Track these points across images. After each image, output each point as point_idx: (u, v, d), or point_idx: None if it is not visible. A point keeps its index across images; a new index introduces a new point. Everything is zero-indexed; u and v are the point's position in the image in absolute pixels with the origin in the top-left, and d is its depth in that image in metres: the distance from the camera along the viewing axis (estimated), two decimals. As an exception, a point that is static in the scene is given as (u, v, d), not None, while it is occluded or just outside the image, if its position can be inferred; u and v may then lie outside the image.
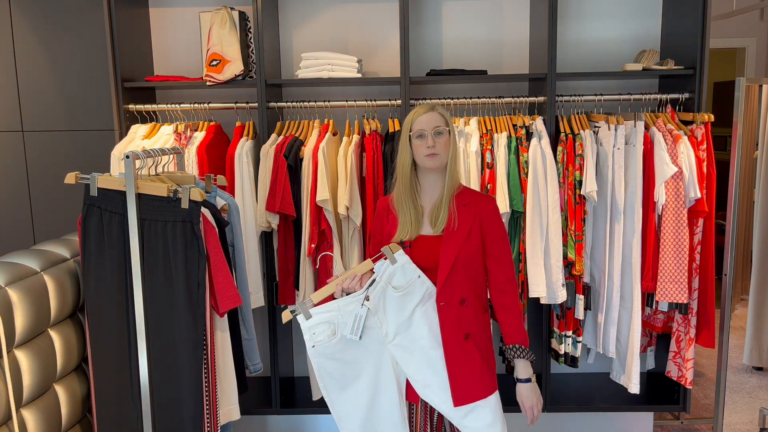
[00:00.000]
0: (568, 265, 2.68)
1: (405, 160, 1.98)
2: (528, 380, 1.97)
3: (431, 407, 2.11)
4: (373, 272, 1.94)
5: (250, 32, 2.90)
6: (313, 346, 1.93)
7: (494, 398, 2.00)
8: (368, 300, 1.91)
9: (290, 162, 2.63)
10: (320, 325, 1.92)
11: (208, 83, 2.81)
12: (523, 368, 1.97)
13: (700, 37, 2.67)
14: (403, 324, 1.94)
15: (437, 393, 1.96)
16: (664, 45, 2.97)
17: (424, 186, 2.02)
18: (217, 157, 2.78)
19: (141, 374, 2.06)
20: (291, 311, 1.95)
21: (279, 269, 2.81)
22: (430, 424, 2.14)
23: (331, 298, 1.99)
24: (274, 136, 2.79)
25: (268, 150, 2.69)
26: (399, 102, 2.81)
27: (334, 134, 2.79)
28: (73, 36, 2.82)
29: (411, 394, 2.02)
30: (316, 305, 1.95)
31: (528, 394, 1.98)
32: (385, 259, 1.91)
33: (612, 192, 2.60)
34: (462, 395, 1.94)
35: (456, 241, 1.93)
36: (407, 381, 2.00)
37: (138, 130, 2.81)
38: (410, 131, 1.96)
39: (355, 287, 1.94)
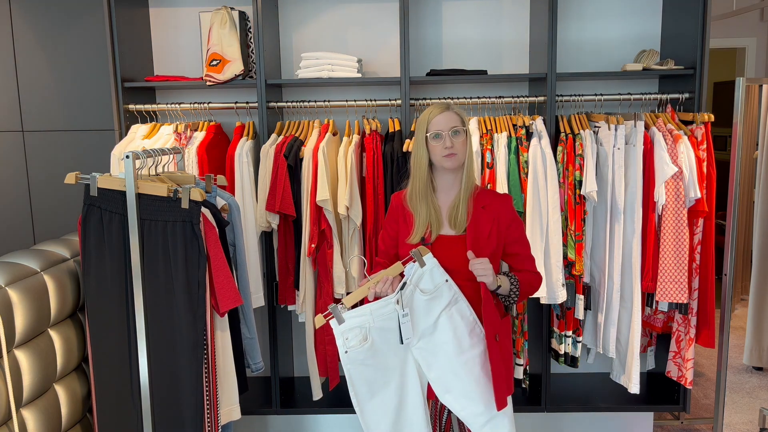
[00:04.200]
0: (568, 265, 2.68)
1: (421, 160, 1.96)
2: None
3: (441, 406, 2.11)
4: (404, 276, 1.92)
5: (250, 32, 2.90)
6: (346, 352, 1.89)
7: (510, 406, 2.00)
8: (398, 303, 1.88)
9: (290, 162, 2.63)
10: (352, 330, 1.89)
11: (208, 83, 2.81)
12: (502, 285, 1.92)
13: (700, 37, 2.67)
14: (429, 328, 1.93)
15: (458, 399, 1.94)
16: (664, 45, 2.97)
17: (440, 185, 2.01)
18: (217, 157, 2.78)
19: (141, 374, 2.06)
20: (324, 315, 1.91)
21: (279, 269, 2.81)
22: (439, 424, 2.14)
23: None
24: (274, 136, 2.79)
25: (268, 150, 2.69)
26: (399, 102, 2.81)
27: (334, 134, 2.79)
28: (73, 36, 2.82)
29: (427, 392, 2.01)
30: (349, 309, 1.92)
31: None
32: (414, 261, 1.88)
33: (612, 192, 2.60)
34: (502, 397, 1.93)
35: (483, 242, 1.93)
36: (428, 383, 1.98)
37: (138, 130, 2.81)
38: (426, 132, 1.94)
39: (387, 291, 1.90)
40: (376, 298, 1.92)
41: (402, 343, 1.90)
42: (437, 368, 1.94)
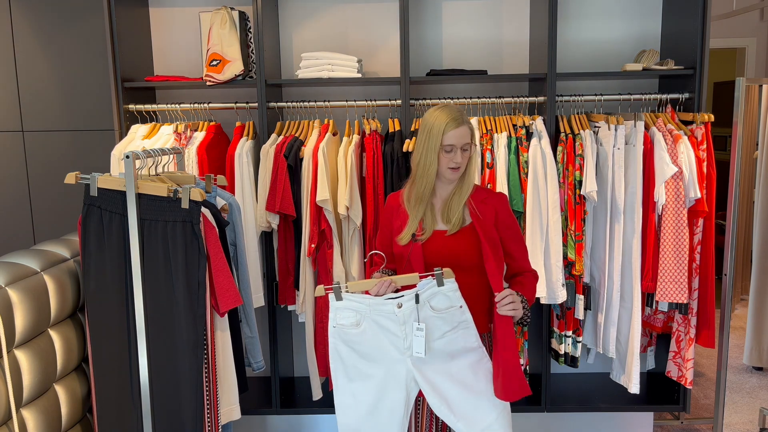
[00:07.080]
0: (568, 265, 2.68)
1: (430, 168, 1.95)
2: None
3: None
4: (415, 287, 1.93)
5: (250, 32, 2.90)
6: (334, 327, 1.94)
7: (508, 414, 2.00)
8: (400, 308, 1.90)
9: (290, 162, 2.63)
10: (347, 311, 1.93)
11: (208, 83, 2.81)
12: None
13: (700, 37, 2.67)
14: (429, 342, 1.94)
15: (453, 411, 1.95)
16: (664, 45, 2.97)
17: (437, 185, 2.03)
18: (217, 157, 2.78)
19: (141, 374, 2.07)
20: (325, 289, 1.96)
21: (279, 269, 2.81)
22: (435, 426, 2.13)
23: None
24: (274, 136, 2.79)
25: (268, 150, 2.69)
26: (399, 102, 2.81)
27: (334, 134, 2.79)
28: (73, 36, 2.82)
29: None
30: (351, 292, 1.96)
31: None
32: (433, 278, 1.89)
33: (612, 192, 2.60)
34: (509, 391, 1.92)
35: (492, 232, 1.96)
36: None
37: (138, 130, 2.81)
38: (441, 143, 1.92)
39: (384, 293, 1.93)
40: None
41: (412, 355, 1.92)
42: (430, 381, 1.95)
